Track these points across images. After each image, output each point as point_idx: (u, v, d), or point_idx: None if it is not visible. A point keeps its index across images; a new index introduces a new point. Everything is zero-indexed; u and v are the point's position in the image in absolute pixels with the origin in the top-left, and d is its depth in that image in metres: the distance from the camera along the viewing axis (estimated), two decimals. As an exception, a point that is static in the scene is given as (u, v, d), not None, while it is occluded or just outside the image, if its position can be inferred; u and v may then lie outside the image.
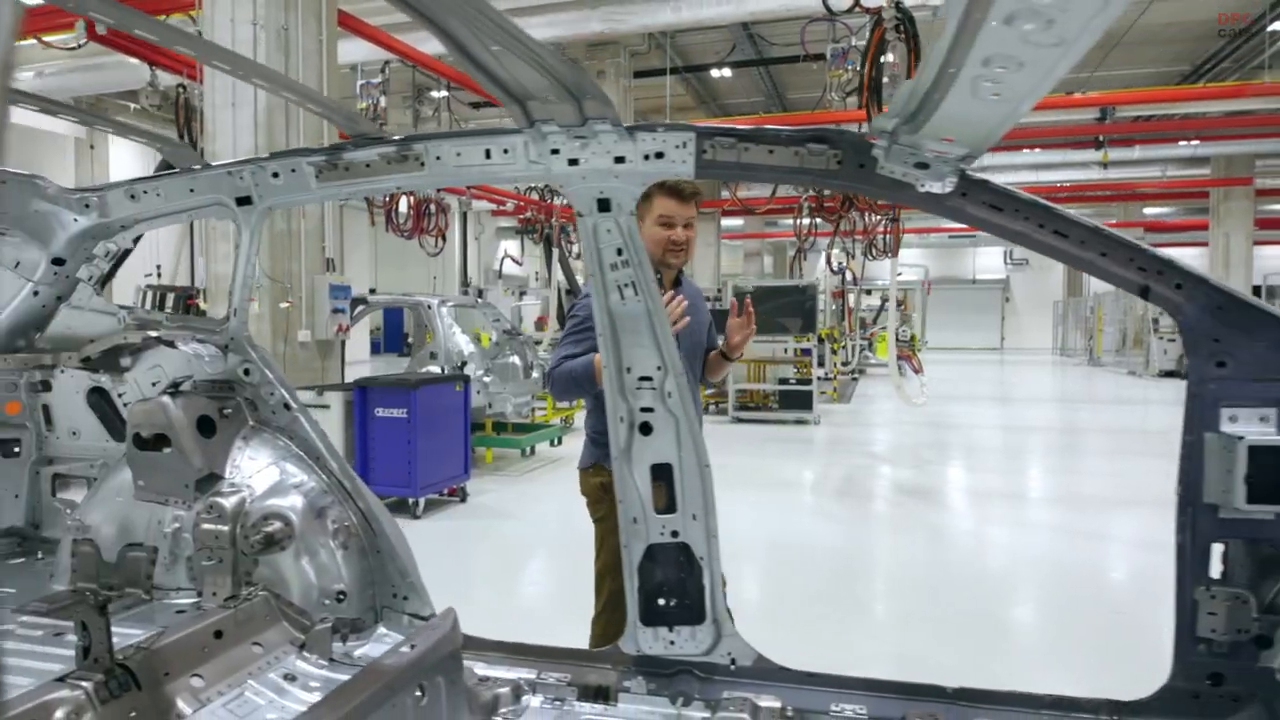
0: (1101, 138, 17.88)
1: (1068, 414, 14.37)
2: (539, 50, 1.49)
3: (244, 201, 2.19)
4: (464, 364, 8.09)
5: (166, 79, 10.13)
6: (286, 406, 2.40)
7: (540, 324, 18.20)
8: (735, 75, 16.81)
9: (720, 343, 2.85)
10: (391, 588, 2.37)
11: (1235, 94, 13.58)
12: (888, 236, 21.97)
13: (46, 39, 9.12)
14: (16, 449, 2.75)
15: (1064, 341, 32.55)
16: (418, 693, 1.79)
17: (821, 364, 16.62)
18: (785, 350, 12.04)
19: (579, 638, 2.59)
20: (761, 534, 5.95)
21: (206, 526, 2.24)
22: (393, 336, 27.87)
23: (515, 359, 8.85)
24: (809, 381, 11.84)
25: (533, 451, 8.65)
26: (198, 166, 2.22)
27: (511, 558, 5.75)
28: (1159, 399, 15.50)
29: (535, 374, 8.87)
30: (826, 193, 14.21)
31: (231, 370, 2.38)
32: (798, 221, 15.43)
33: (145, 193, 2.28)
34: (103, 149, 16.93)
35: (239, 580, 2.24)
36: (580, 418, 11.58)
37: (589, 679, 2.16)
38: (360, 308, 8.37)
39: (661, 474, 2.12)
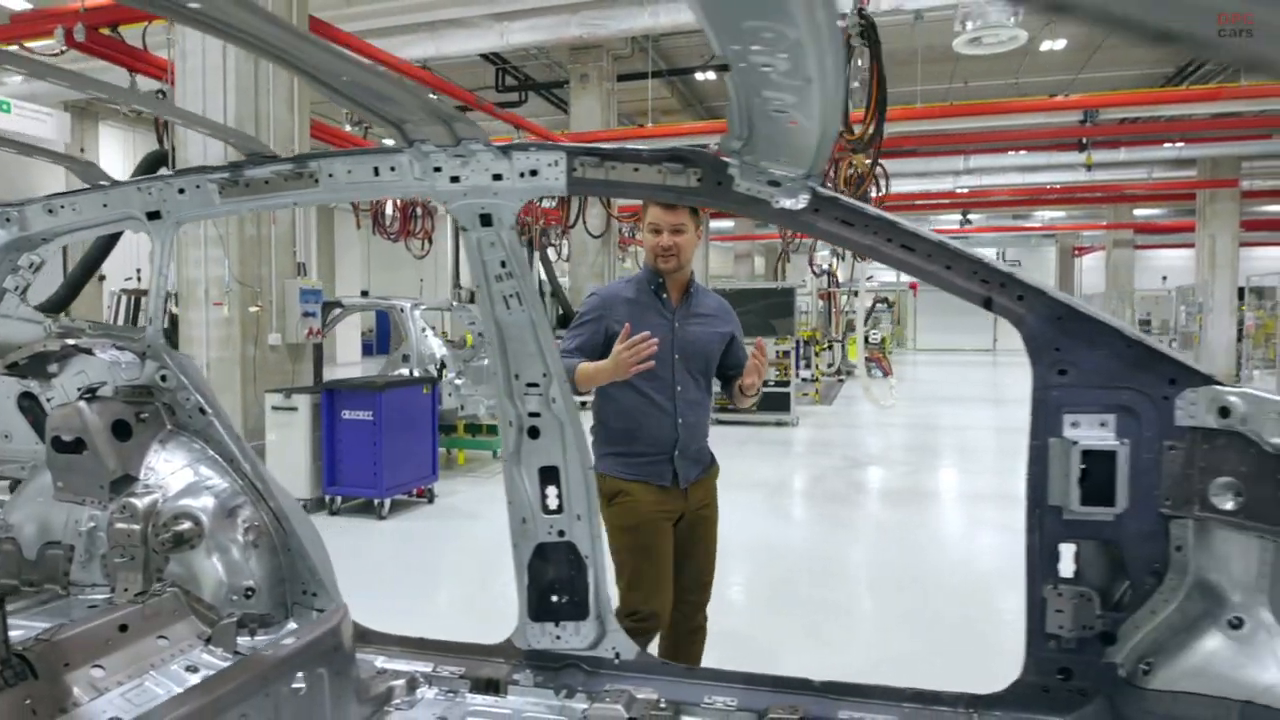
0: (1085, 140, 17.97)
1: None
2: (393, 81, 1.58)
3: (154, 216, 2.29)
4: (443, 366, 8.20)
5: (147, 84, 10.24)
6: (202, 411, 2.50)
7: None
8: (722, 79, 16.94)
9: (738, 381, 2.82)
10: (302, 585, 2.47)
11: (1218, 96, 13.67)
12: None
13: (29, 45, 9.23)
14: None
15: (1056, 343, 32.65)
16: (297, 684, 1.89)
17: (808, 365, 16.75)
18: (764, 352, 12.13)
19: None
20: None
21: (119, 526, 2.34)
22: (386, 338, 27.99)
23: (487, 360, 8.93)
24: (787, 383, 11.94)
25: (504, 453, 8.77)
26: (106, 183, 2.32)
27: (474, 558, 5.84)
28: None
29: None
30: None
31: (149, 376, 2.48)
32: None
33: (62, 207, 2.38)
34: (92, 153, 17.02)
35: (150, 577, 2.34)
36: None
37: (482, 672, 2.26)
38: (336, 311, 8.46)
39: (549, 476, 2.22)
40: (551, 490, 2.24)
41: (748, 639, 3.99)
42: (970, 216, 27.68)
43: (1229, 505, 1.78)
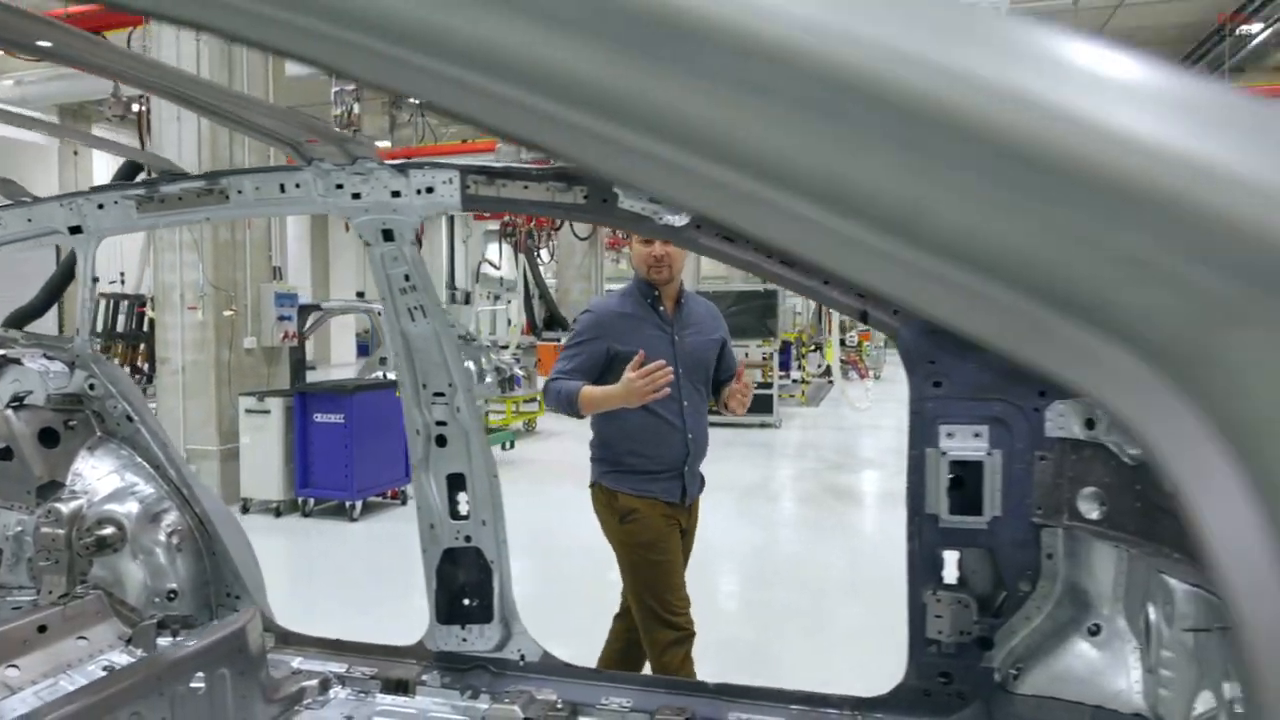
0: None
1: None
2: (274, 110, 1.65)
3: (76, 230, 2.36)
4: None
5: (130, 90, 10.33)
6: (129, 418, 2.57)
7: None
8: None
9: (726, 388, 2.80)
10: (226, 587, 2.54)
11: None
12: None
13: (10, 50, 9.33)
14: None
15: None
16: (196, 684, 1.96)
17: (797, 366, 16.80)
18: (745, 354, 12.19)
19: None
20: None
21: (45, 530, 2.41)
22: (381, 339, 28.05)
23: (469, 364, 9.00)
24: (769, 385, 12.00)
25: (482, 455, 8.84)
26: (28, 200, 2.40)
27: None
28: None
29: (489, 379, 9.03)
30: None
31: (78, 385, 2.55)
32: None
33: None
34: (86, 156, 17.11)
35: (74, 580, 2.41)
36: (542, 423, 11.78)
37: (393, 673, 2.33)
38: (316, 314, 8.53)
39: (456, 483, 2.29)
40: (460, 496, 2.30)
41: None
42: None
43: (1094, 515, 1.84)
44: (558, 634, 2.59)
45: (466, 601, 2.34)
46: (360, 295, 18.92)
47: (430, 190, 2.04)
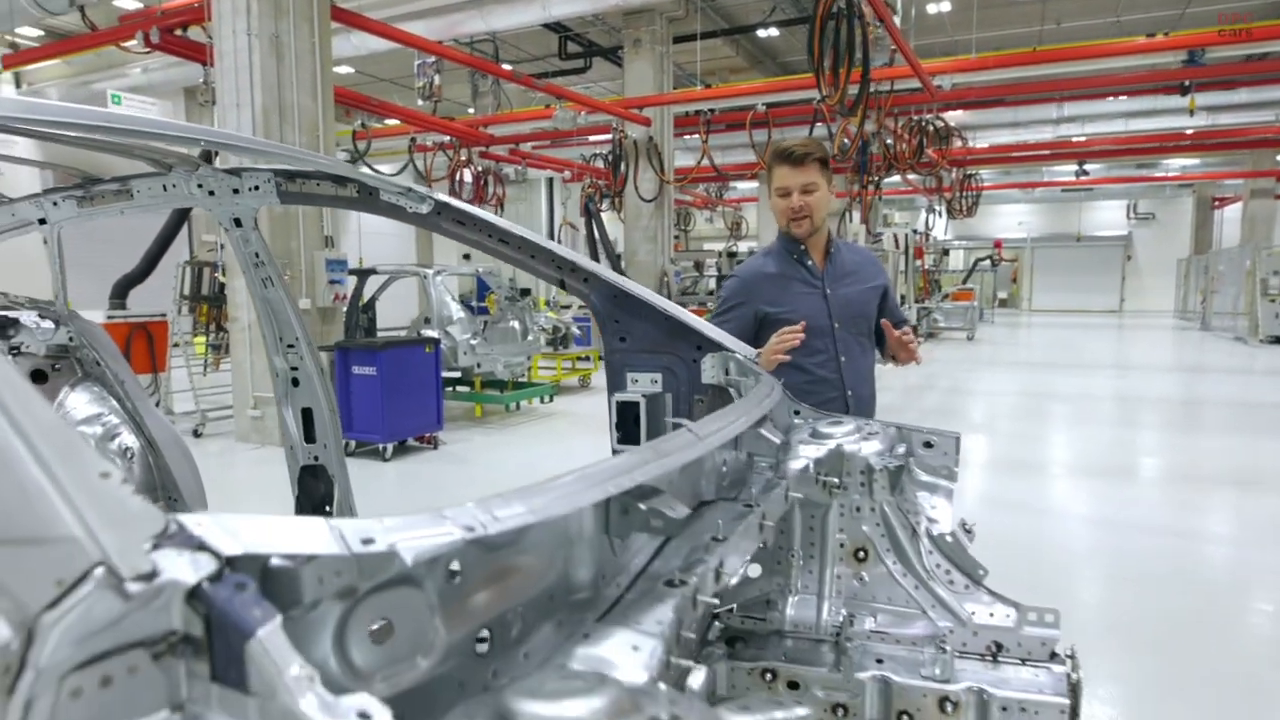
0: (1188, 82, 16.69)
1: (1125, 382, 13.72)
2: (116, 143, 2.28)
3: (43, 222, 3.11)
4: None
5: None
6: (98, 364, 3.34)
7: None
8: (791, 33, 16.79)
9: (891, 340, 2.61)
10: (168, 493, 3.29)
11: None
12: (966, 194, 21.40)
13: (124, 45, 10.64)
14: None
15: (1185, 303, 30.41)
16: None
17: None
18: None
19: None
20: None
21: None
22: (482, 298, 29.52)
23: (514, 323, 9.74)
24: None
25: (518, 407, 9.59)
26: (6, 200, 3.17)
27: (452, 495, 6.66)
28: (1248, 367, 14.65)
29: (530, 336, 9.74)
30: (874, 150, 14.28)
31: (63, 338, 3.34)
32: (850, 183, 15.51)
33: (-10, 214, 3.24)
34: (210, 132, 18.77)
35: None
36: (596, 379, 12.36)
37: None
38: (370, 278, 9.45)
39: (307, 415, 2.92)
40: (311, 426, 2.93)
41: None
42: (1088, 167, 26.13)
43: None
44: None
45: (326, 508, 2.98)
46: (466, 258, 20.05)
47: (257, 189, 2.64)
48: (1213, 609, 3.98)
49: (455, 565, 0.83)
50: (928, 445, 1.93)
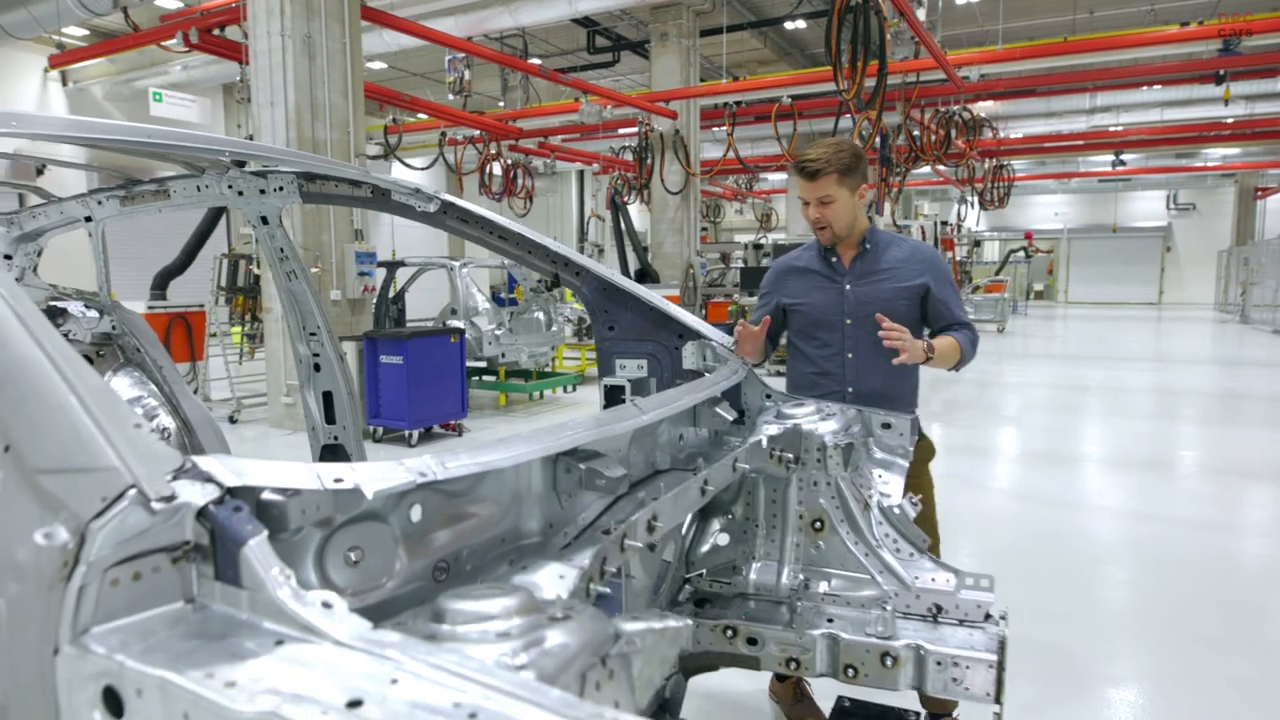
0: (1223, 72, 16.41)
1: (1152, 375, 13.58)
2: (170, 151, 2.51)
3: (89, 219, 3.36)
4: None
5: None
6: (138, 350, 3.60)
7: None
8: (819, 25, 16.77)
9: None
10: (201, 473, 3.54)
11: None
12: (998, 185, 21.21)
13: (165, 45, 11.03)
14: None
15: (1225, 295, 29.81)
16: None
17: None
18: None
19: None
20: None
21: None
22: (512, 290, 29.87)
23: (539, 314, 9.97)
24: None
25: (541, 396, 9.82)
26: (57, 199, 3.44)
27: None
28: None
29: (555, 327, 9.96)
30: (900, 142, 14.28)
31: (106, 326, 3.61)
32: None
33: (35, 216, 3.50)
34: (246, 129, 19.26)
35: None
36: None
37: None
38: (399, 270, 9.73)
39: (328, 398, 3.15)
40: (331, 408, 3.16)
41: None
42: (1125, 156, 25.75)
43: None
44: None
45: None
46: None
47: (281, 189, 2.86)
48: (1247, 604, 3.93)
49: (416, 505, 1.03)
50: (885, 426, 2.09)
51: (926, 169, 17.88)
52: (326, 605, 0.78)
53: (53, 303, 3.61)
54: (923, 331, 2.61)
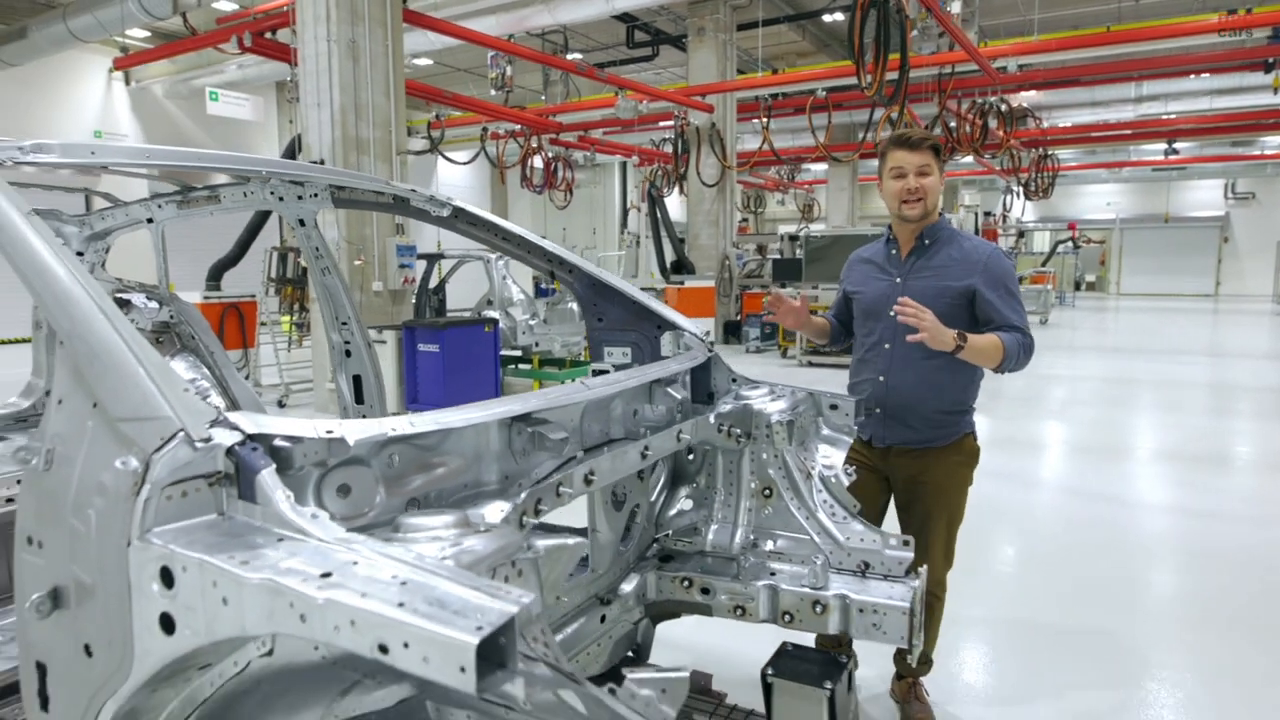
0: (1271, 59, 16.05)
1: (1184, 368, 13.36)
2: (207, 166, 2.88)
3: (150, 220, 3.77)
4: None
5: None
6: (192, 337, 4.02)
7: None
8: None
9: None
10: (249, 448, 3.95)
11: None
12: (1042, 174, 20.95)
13: (221, 48, 11.60)
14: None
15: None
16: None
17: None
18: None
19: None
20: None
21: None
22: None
23: (573, 304, 10.31)
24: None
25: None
26: (124, 203, 3.85)
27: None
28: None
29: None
30: (936, 132, 14.31)
31: (165, 315, 4.03)
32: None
33: (104, 219, 3.91)
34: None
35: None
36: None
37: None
38: (439, 262, 10.16)
39: (357, 382, 3.51)
40: (360, 391, 3.52)
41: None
42: (1178, 145, 25.18)
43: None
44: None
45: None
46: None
47: (316, 195, 3.22)
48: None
49: (395, 455, 1.35)
50: (833, 407, 2.37)
51: (970, 159, 17.78)
52: (314, 516, 1.11)
53: (118, 295, 4.04)
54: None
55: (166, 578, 1.05)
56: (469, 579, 0.97)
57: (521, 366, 10.09)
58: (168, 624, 1.06)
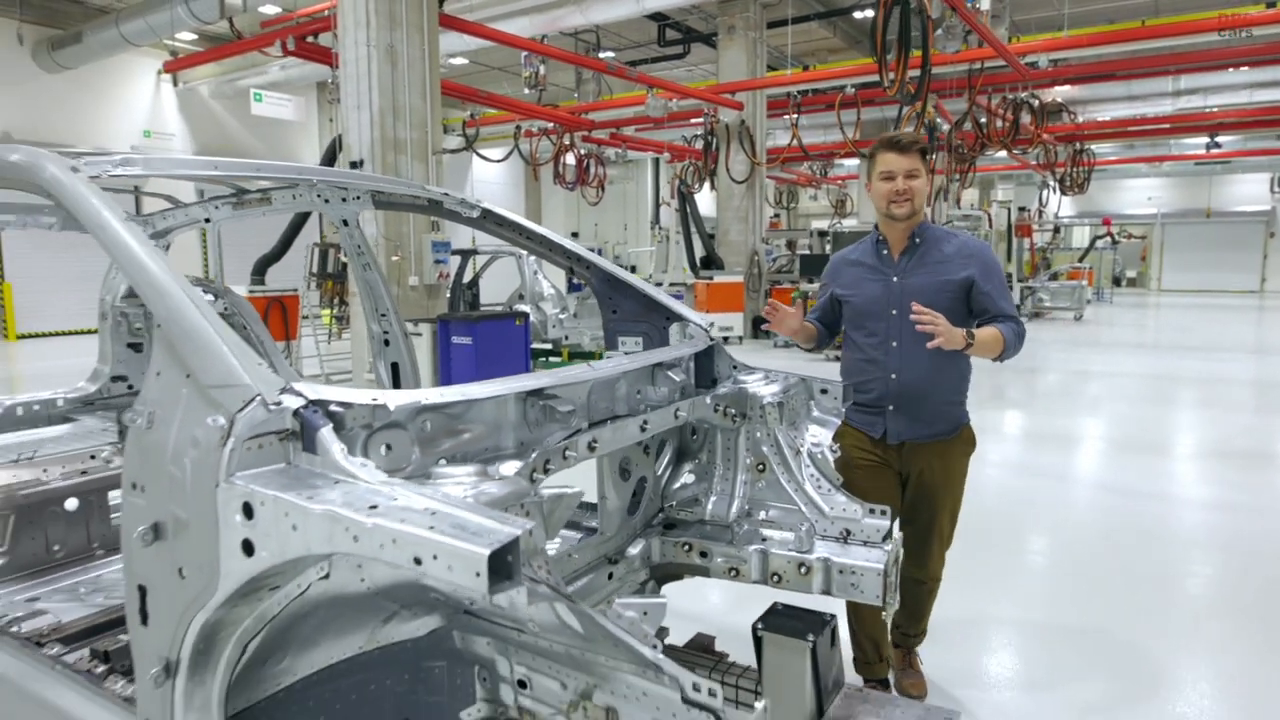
0: (1313, 53, 15.77)
1: (1217, 365, 13.16)
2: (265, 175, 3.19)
3: (208, 220, 4.10)
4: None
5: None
6: (244, 328, 4.35)
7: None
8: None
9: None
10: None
11: None
12: (1078, 169, 20.78)
13: (265, 51, 12.06)
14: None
15: (1327, 282, 28.30)
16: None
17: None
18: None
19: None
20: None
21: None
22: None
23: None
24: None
25: (601, 375, 10.49)
26: (182, 205, 4.19)
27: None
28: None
29: (616, 311, 10.57)
30: (968, 125, 14.32)
31: (220, 307, 4.37)
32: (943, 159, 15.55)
33: (165, 218, 4.26)
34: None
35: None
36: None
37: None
38: (473, 257, 10.50)
39: (395, 369, 3.81)
40: (398, 377, 3.82)
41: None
42: (1220, 139, 24.74)
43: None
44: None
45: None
46: (574, 235, 21.06)
47: (358, 198, 3.52)
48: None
49: (428, 421, 1.62)
50: (823, 392, 2.60)
51: (1004, 153, 17.72)
52: (364, 464, 1.38)
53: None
54: (970, 324, 2.72)
55: (248, 511, 1.33)
56: (485, 511, 1.24)
57: (552, 359, 10.40)
58: (248, 548, 1.34)
